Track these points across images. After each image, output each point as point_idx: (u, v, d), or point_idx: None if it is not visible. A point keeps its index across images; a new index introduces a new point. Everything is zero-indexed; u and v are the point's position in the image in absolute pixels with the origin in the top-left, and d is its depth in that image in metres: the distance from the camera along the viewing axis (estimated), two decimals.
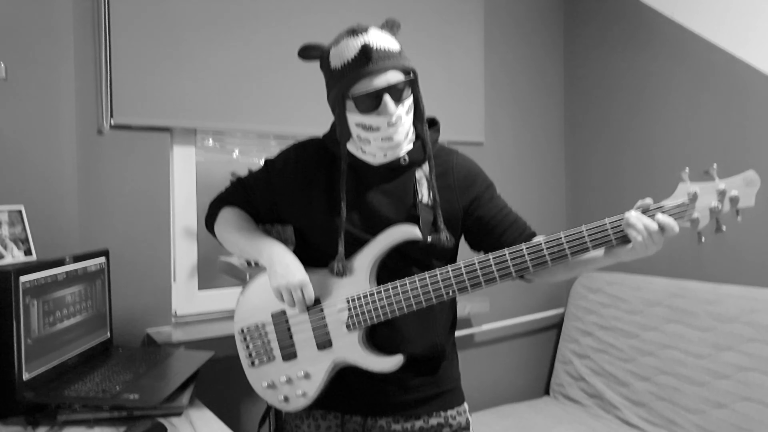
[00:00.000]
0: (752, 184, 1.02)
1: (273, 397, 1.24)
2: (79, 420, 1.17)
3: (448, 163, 1.24)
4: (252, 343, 1.26)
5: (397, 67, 1.11)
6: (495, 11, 2.57)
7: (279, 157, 1.31)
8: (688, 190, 1.05)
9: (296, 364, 1.22)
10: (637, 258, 1.07)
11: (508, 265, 1.10)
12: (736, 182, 1.03)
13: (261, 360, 1.25)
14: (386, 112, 1.10)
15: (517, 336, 2.69)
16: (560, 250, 1.08)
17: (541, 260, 1.08)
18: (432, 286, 1.13)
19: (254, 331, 1.26)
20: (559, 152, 2.83)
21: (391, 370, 1.15)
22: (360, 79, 1.09)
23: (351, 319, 1.17)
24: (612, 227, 1.06)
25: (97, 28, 1.67)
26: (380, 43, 1.10)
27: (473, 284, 1.11)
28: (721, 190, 1.03)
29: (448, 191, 1.22)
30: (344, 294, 1.18)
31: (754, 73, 2.10)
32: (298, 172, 1.25)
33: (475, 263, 1.11)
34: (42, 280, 1.26)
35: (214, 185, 1.97)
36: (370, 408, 1.23)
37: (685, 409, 2.07)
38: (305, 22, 2.01)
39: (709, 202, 1.04)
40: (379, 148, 1.15)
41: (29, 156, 1.54)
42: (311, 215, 1.22)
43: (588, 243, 1.06)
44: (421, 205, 1.18)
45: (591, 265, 1.16)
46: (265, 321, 1.25)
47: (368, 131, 1.13)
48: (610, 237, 1.06)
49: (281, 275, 1.15)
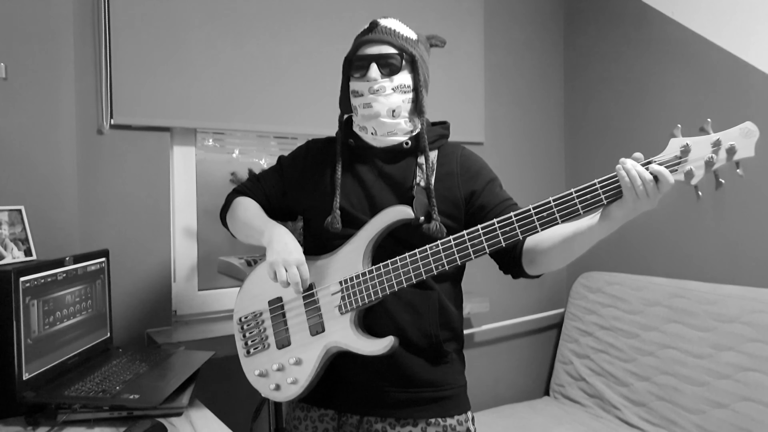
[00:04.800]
0: (750, 134, 0.97)
1: (264, 385, 1.25)
2: (79, 420, 1.16)
3: (453, 154, 1.29)
4: (248, 332, 1.27)
5: (393, 43, 1.20)
6: (495, 11, 2.57)
7: (292, 152, 1.39)
8: (680, 143, 1.01)
9: (289, 351, 1.22)
10: (631, 217, 1.02)
11: (497, 233, 1.07)
12: (733, 133, 0.98)
13: (256, 348, 1.26)
14: (369, 78, 1.19)
15: (517, 336, 2.69)
16: (549, 213, 1.04)
17: (530, 225, 1.05)
18: (422, 261, 1.12)
19: (251, 320, 1.27)
20: (559, 152, 2.83)
21: (382, 352, 1.13)
22: (359, 46, 1.22)
23: (343, 300, 1.17)
24: (601, 184, 1.02)
25: (97, 29, 1.67)
26: (388, 24, 1.22)
27: (462, 256, 1.09)
28: (716, 140, 0.98)
29: (450, 178, 1.24)
30: (338, 277, 1.19)
31: (755, 73, 2.10)
32: (308, 161, 1.33)
33: (464, 235, 1.09)
34: (42, 281, 1.26)
35: (214, 185, 1.97)
36: (366, 405, 1.22)
37: (685, 409, 2.07)
38: (305, 23, 2.01)
39: (703, 154, 0.99)
40: (363, 117, 1.22)
41: (29, 156, 1.54)
42: (314, 197, 1.27)
43: (578, 203, 1.02)
44: (417, 188, 1.21)
45: (587, 237, 1.08)
46: (261, 309, 1.26)
47: (355, 97, 1.23)
48: (599, 195, 1.02)
49: (277, 252, 1.16)
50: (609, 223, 1.04)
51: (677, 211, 2.35)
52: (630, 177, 0.98)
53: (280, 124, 1.97)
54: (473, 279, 2.37)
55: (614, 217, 1.03)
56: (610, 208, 1.03)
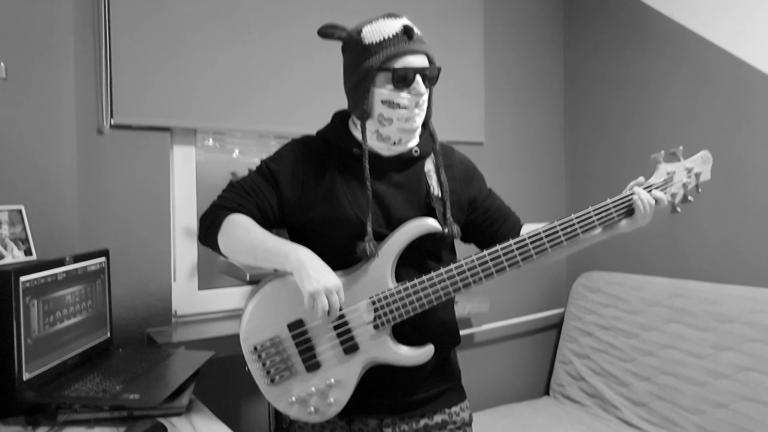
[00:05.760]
0: (707, 161, 1.28)
1: (301, 411, 1.17)
2: (79, 420, 1.16)
3: (451, 158, 1.29)
4: (269, 360, 1.17)
5: (428, 53, 1.17)
6: (495, 11, 2.57)
7: (279, 157, 1.25)
8: (666, 169, 1.26)
9: (322, 373, 1.17)
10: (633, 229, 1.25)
11: (529, 248, 1.19)
12: (697, 161, 1.27)
13: (282, 376, 1.17)
14: (417, 92, 1.14)
15: (517, 336, 2.69)
16: (573, 230, 1.21)
17: (557, 241, 1.20)
18: (459, 276, 1.16)
19: (269, 348, 1.16)
20: (559, 152, 2.83)
21: (425, 360, 1.17)
22: (402, 53, 1.13)
23: (379, 318, 1.15)
24: (614, 205, 1.22)
25: (97, 28, 1.67)
26: (417, 29, 1.18)
27: (498, 269, 1.18)
28: (689, 167, 1.26)
29: (454, 183, 1.26)
30: (364, 294, 1.16)
31: (754, 72, 2.10)
32: (308, 168, 1.22)
33: (498, 250, 1.18)
34: (42, 280, 1.26)
35: (214, 185, 1.97)
36: (379, 410, 1.23)
37: (685, 409, 2.07)
38: (305, 22, 2.01)
39: (681, 178, 1.27)
40: (398, 129, 1.17)
41: (29, 156, 1.54)
42: (324, 209, 1.19)
43: (596, 222, 1.22)
44: (434, 197, 1.21)
45: (590, 241, 1.28)
46: (280, 334, 1.16)
47: (394, 109, 1.15)
48: (612, 215, 1.23)
49: (316, 279, 1.07)
50: (612, 233, 1.26)
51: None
52: (643, 204, 1.20)
53: (280, 124, 1.97)
54: None
55: (619, 229, 1.25)
56: (618, 222, 1.24)
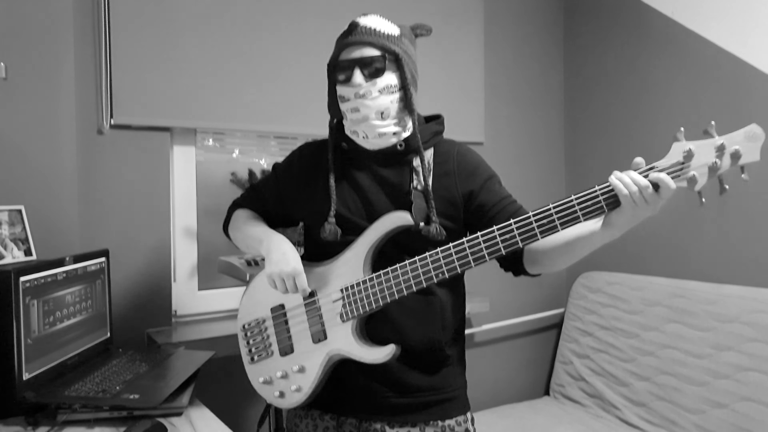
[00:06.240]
0: (755, 138, 0.94)
1: (269, 392, 1.25)
2: (79, 420, 1.16)
3: (449, 153, 1.24)
4: (252, 339, 1.28)
5: (374, 44, 1.15)
6: (495, 11, 2.57)
7: (285, 159, 1.38)
8: (683, 148, 0.97)
9: (293, 358, 1.22)
10: (633, 224, 1.00)
11: (497, 241, 1.06)
12: (737, 137, 0.95)
13: (260, 355, 1.27)
14: (353, 83, 1.15)
15: (517, 336, 2.69)
16: (549, 221, 1.02)
17: (530, 233, 1.03)
18: (422, 269, 1.11)
19: (254, 327, 1.28)
20: (559, 152, 2.83)
21: (384, 360, 1.14)
22: (340, 50, 1.18)
23: (344, 308, 1.17)
24: (601, 191, 1.00)
25: (97, 28, 1.67)
26: (369, 23, 1.17)
27: (462, 264, 1.08)
28: (719, 145, 0.95)
29: (447, 178, 1.21)
30: (339, 284, 1.18)
31: (755, 72, 2.10)
32: (302, 166, 1.32)
33: (464, 242, 1.08)
34: (42, 280, 1.26)
35: (214, 185, 1.97)
36: (366, 410, 1.22)
37: (685, 409, 2.07)
38: (305, 23, 2.01)
39: (706, 160, 0.96)
40: (352, 121, 1.19)
41: (29, 156, 1.54)
42: (311, 204, 1.26)
43: (578, 210, 1.01)
44: (415, 192, 1.19)
45: (588, 242, 1.07)
46: (264, 316, 1.27)
47: (342, 102, 1.20)
48: (600, 201, 1.00)
49: (275, 263, 1.17)
50: (611, 230, 1.03)
51: (677, 211, 2.35)
52: (624, 184, 0.97)
53: (280, 124, 1.97)
54: (473, 279, 2.37)
55: (615, 224, 1.01)
56: (610, 215, 1.01)
